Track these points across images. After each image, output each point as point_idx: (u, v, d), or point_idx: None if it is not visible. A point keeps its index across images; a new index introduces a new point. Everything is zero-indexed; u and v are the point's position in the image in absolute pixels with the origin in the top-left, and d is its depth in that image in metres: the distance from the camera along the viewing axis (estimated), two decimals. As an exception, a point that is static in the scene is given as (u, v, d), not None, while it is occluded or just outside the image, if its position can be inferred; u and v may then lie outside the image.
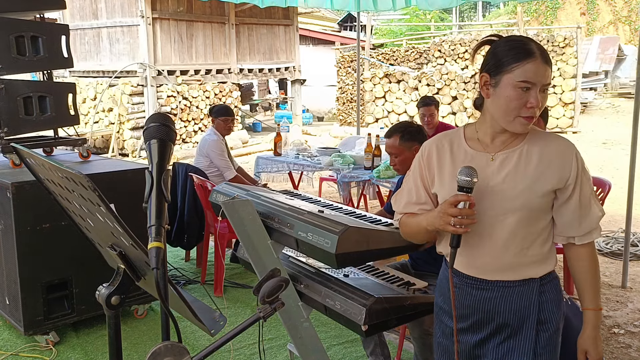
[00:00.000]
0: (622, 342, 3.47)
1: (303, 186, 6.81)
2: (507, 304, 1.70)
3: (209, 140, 4.89)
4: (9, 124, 3.74)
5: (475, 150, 1.70)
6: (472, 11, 32.40)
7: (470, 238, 1.68)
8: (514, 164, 1.65)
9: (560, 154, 1.64)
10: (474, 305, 1.73)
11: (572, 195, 1.65)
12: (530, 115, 1.57)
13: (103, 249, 1.39)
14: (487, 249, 1.68)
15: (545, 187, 1.63)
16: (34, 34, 3.81)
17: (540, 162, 1.64)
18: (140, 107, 11.60)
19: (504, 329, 1.72)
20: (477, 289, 1.72)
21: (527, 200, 1.62)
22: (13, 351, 3.44)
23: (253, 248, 2.20)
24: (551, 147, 1.65)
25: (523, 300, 1.69)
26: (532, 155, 1.65)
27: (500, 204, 1.64)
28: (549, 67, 1.57)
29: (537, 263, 1.69)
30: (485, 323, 1.73)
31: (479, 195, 1.64)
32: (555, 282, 1.75)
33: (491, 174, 1.66)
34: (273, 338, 3.55)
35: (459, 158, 1.72)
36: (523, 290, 1.69)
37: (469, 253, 1.70)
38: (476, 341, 1.76)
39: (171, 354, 1.05)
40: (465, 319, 1.76)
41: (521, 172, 1.64)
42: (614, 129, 12.11)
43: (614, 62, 18.32)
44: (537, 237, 1.68)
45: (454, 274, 1.78)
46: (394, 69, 14.29)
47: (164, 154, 1.27)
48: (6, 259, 3.43)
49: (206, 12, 12.67)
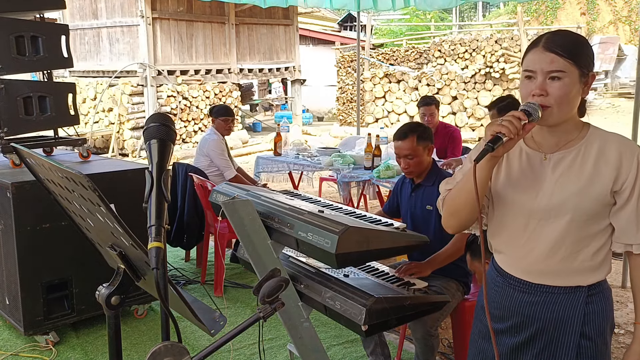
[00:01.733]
0: (622, 342, 3.47)
1: (303, 186, 6.81)
2: (548, 310, 1.63)
3: (209, 140, 4.89)
4: (9, 124, 3.74)
5: (531, 148, 1.65)
6: (472, 11, 32.38)
7: (518, 238, 1.64)
8: (569, 164, 1.58)
9: (619, 154, 1.55)
10: (514, 308, 1.68)
11: (630, 199, 1.55)
12: (540, 103, 1.51)
13: (103, 249, 1.39)
14: (535, 251, 1.62)
15: (599, 189, 1.55)
16: (34, 34, 3.81)
17: (597, 163, 1.56)
18: (140, 107, 11.60)
19: (542, 336, 1.65)
20: (520, 291, 1.66)
21: (578, 202, 1.55)
22: (13, 351, 3.44)
23: (253, 248, 2.20)
24: (610, 146, 1.57)
25: (567, 308, 1.61)
26: (589, 156, 1.57)
27: (551, 205, 1.58)
28: (555, 53, 1.50)
29: (586, 270, 1.61)
30: (524, 327, 1.67)
31: (531, 196, 1.60)
32: (605, 294, 1.65)
33: (544, 174, 1.60)
34: (273, 338, 3.55)
35: (514, 155, 1.66)
36: (568, 297, 1.61)
37: (515, 253, 1.66)
38: (514, 345, 1.69)
39: (171, 354, 1.05)
40: (503, 320, 1.71)
41: (575, 173, 1.57)
42: (614, 129, 12.06)
43: (614, 62, 18.34)
44: (590, 243, 1.59)
45: (499, 274, 1.72)
46: (394, 69, 14.29)
47: (164, 154, 1.27)
48: (6, 259, 3.43)
49: (206, 12, 12.67)
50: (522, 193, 1.62)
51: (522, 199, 1.62)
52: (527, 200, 1.61)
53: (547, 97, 1.52)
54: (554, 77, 1.51)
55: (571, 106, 1.55)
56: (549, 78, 1.51)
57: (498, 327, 1.71)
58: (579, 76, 1.52)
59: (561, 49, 1.51)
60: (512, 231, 1.66)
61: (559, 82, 1.51)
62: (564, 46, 1.51)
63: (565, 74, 1.51)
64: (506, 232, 1.68)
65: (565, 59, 1.50)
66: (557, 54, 1.50)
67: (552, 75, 1.51)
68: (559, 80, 1.51)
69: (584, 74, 1.54)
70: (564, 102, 1.52)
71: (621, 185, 1.55)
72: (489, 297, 1.73)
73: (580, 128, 1.62)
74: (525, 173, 1.63)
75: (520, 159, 1.65)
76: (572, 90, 1.52)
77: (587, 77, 1.55)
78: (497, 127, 1.48)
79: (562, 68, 1.50)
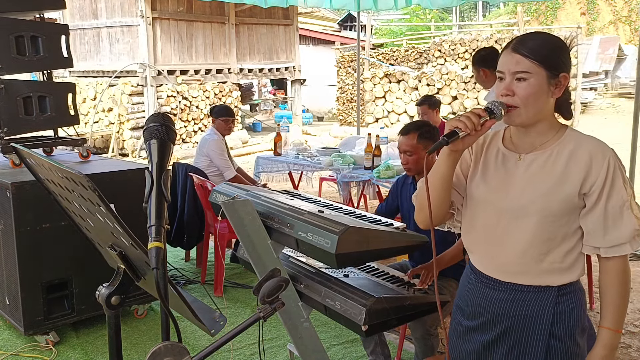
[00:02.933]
0: (622, 342, 3.47)
1: (303, 186, 6.81)
2: (518, 308, 1.64)
3: (209, 140, 4.89)
4: (8, 124, 3.74)
5: (508, 149, 1.68)
6: (472, 11, 32.38)
7: (489, 237, 1.66)
8: (541, 165, 1.60)
9: (589, 157, 1.55)
10: (485, 306, 1.70)
11: (598, 202, 1.55)
12: (506, 102, 1.56)
13: (103, 249, 1.39)
14: (505, 250, 1.64)
15: (567, 190, 1.56)
16: (33, 34, 3.81)
17: (567, 165, 1.57)
18: (140, 107, 11.60)
19: (512, 334, 1.66)
20: (491, 289, 1.68)
21: (547, 203, 1.56)
22: (13, 351, 3.44)
23: (253, 248, 2.20)
24: (582, 149, 1.57)
25: (536, 307, 1.63)
26: (561, 157, 1.58)
27: (522, 205, 1.59)
28: (521, 54, 1.54)
29: (556, 271, 1.61)
30: (494, 325, 1.69)
31: (502, 196, 1.62)
32: (576, 294, 1.65)
33: (516, 174, 1.63)
34: (273, 338, 3.55)
35: (491, 155, 1.70)
36: (537, 296, 1.62)
37: (488, 252, 1.68)
38: (485, 342, 1.71)
39: (171, 354, 1.05)
40: (475, 317, 1.73)
41: (546, 174, 1.58)
42: (614, 129, 12.10)
43: (614, 62, 18.31)
44: (560, 244, 1.60)
45: (473, 272, 1.75)
46: (394, 68, 14.30)
47: (164, 154, 1.27)
48: (6, 259, 3.43)
49: (206, 12, 12.67)
50: (494, 192, 1.65)
51: (494, 198, 1.65)
52: (498, 199, 1.63)
53: (514, 97, 1.55)
54: (520, 77, 1.55)
55: (539, 107, 1.57)
56: (515, 79, 1.55)
57: (470, 325, 1.74)
58: (547, 77, 1.55)
59: (527, 51, 1.54)
60: (484, 230, 1.69)
61: (524, 83, 1.54)
62: (531, 48, 1.54)
63: (531, 75, 1.54)
64: (478, 231, 1.71)
65: (531, 60, 1.53)
66: (523, 55, 1.54)
67: (518, 76, 1.55)
68: (524, 81, 1.54)
69: (553, 75, 1.55)
70: (529, 102, 1.55)
71: (589, 187, 1.55)
72: (464, 295, 1.78)
73: (556, 130, 1.63)
74: (500, 173, 1.66)
75: (497, 159, 1.68)
76: (538, 90, 1.54)
77: (556, 79, 1.56)
78: (455, 122, 1.53)
79: (527, 69, 1.54)
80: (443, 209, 1.71)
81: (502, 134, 1.72)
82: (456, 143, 1.54)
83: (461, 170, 1.74)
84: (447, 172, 1.63)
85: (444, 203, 1.69)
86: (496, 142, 1.71)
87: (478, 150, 1.73)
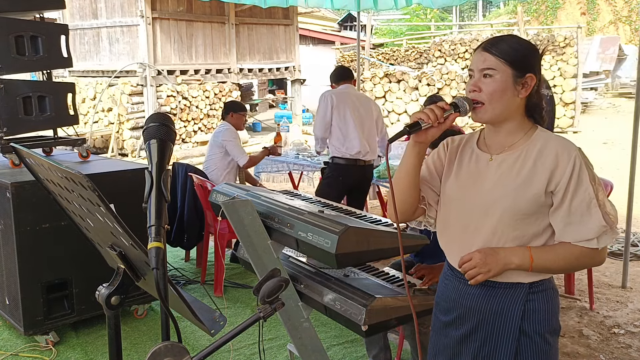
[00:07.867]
0: (622, 342, 3.46)
1: (303, 186, 6.81)
2: (488, 302, 1.68)
3: (223, 130, 4.96)
4: (8, 124, 3.74)
5: (481, 150, 1.73)
6: (472, 11, 32.38)
7: (460, 234, 1.71)
8: (510, 165, 1.64)
9: (555, 155, 1.59)
10: (457, 299, 1.75)
11: (564, 200, 1.57)
12: (472, 98, 1.62)
13: (103, 249, 1.39)
14: (477, 246, 1.67)
15: (535, 189, 1.59)
16: (33, 34, 3.81)
17: (535, 164, 1.61)
18: (140, 107, 11.60)
19: (483, 328, 1.69)
20: (464, 284, 1.72)
21: (514, 201, 1.59)
22: (13, 351, 3.44)
23: (253, 248, 2.20)
24: (550, 148, 1.61)
25: (505, 303, 1.65)
26: (529, 157, 1.62)
27: (488, 203, 1.64)
28: (489, 53, 1.60)
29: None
30: (466, 319, 1.72)
31: (473, 194, 1.67)
32: (548, 293, 1.67)
33: (487, 174, 1.67)
34: (273, 338, 3.55)
35: (466, 156, 1.75)
36: (507, 293, 1.66)
37: (459, 249, 1.71)
38: (458, 337, 1.75)
39: (171, 354, 1.05)
40: (449, 312, 1.78)
41: (515, 173, 1.62)
42: (615, 129, 12.09)
43: (614, 62, 18.32)
44: (530, 242, 1.63)
45: (449, 268, 1.80)
46: (394, 68, 14.29)
47: (163, 154, 1.27)
48: (6, 259, 3.43)
49: (206, 12, 12.67)
50: (465, 191, 1.71)
51: (464, 196, 1.70)
52: (468, 197, 1.69)
53: (480, 93, 1.61)
54: (486, 74, 1.61)
55: (504, 104, 1.61)
56: (483, 76, 1.61)
57: (446, 320, 1.79)
58: (513, 76, 1.60)
59: (494, 49, 1.61)
60: (456, 228, 1.74)
61: (489, 79, 1.60)
62: (499, 47, 1.61)
63: (496, 72, 1.59)
64: (451, 228, 1.76)
65: (497, 58, 1.59)
66: (490, 52, 1.61)
67: (485, 73, 1.61)
68: (490, 77, 1.60)
69: (519, 75, 1.60)
70: (494, 98, 1.60)
71: (555, 185, 1.58)
72: (441, 291, 1.83)
73: (525, 130, 1.67)
74: (472, 172, 1.71)
75: (470, 159, 1.74)
76: (503, 87, 1.60)
77: (523, 78, 1.61)
78: (418, 114, 1.60)
79: (492, 66, 1.60)
80: (410, 202, 1.76)
81: (477, 136, 1.78)
82: (419, 134, 1.61)
83: (435, 168, 1.80)
84: (413, 162, 1.69)
85: (411, 196, 1.75)
86: (471, 144, 1.77)
87: (453, 150, 1.78)
